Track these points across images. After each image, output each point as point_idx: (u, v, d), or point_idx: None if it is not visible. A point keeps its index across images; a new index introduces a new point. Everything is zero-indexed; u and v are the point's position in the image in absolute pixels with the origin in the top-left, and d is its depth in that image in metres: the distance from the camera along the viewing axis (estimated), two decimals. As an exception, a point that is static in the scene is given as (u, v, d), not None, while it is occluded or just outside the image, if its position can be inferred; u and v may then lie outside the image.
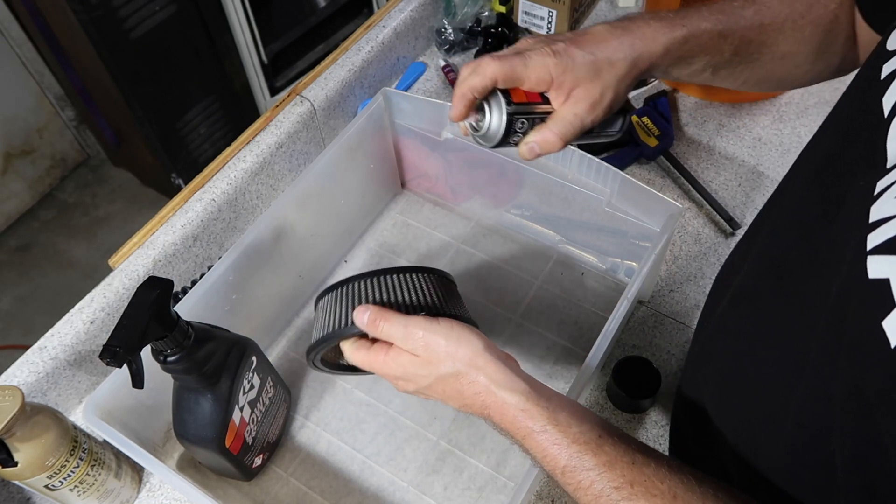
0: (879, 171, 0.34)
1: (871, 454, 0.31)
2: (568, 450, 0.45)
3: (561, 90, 0.51)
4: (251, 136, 0.83)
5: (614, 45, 0.51)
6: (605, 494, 0.43)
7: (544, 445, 0.46)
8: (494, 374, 0.48)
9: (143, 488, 0.72)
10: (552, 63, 0.50)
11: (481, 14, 1.05)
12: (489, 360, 0.49)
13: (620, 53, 0.51)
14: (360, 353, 0.53)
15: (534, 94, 0.52)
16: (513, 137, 0.53)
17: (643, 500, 0.42)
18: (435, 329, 0.50)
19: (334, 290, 0.57)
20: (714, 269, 0.83)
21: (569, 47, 0.51)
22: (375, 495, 0.71)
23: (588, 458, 0.44)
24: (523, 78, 0.51)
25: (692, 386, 0.55)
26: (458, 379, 0.49)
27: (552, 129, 0.52)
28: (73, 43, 1.56)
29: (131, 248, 0.75)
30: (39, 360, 0.69)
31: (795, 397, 0.39)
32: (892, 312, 0.30)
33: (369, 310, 0.52)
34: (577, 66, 0.50)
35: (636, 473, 0.43)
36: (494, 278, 0.86)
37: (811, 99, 0.98)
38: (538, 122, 0.53)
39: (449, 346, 0.49)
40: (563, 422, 0.46)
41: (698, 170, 0.92)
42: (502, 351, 0.51)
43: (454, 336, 0.50)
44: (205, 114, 1.77)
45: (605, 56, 0.51)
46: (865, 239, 0.32)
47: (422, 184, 0.93)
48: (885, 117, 0.36)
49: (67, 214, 2.11)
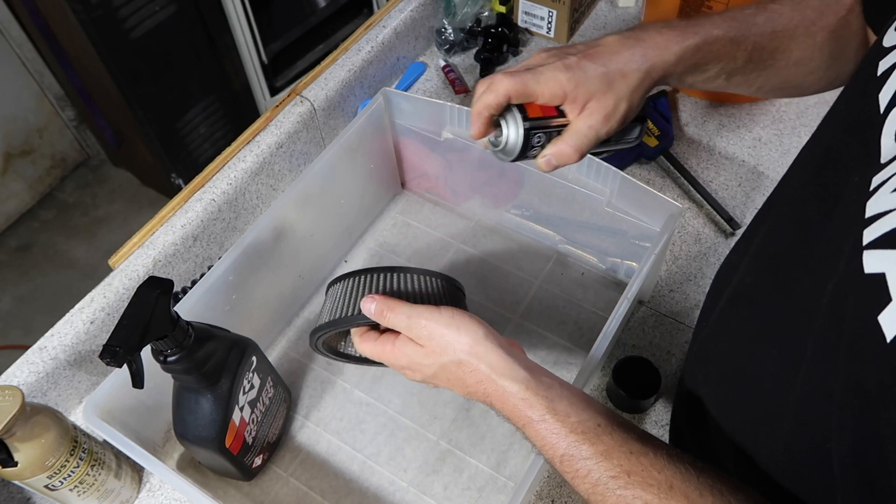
0: (874, 166, 0.34)
1: (868, 449, 0.32)
2: (566, 439, 0.45)
3: (575, 104, 0.52)
4: (251, 136, 0.83)
5: (626, 57, 0.51)
6: (602, 483, 0.43)
7: (543, 434, 0.46)
8: (495, 363, 0.49)
9: (143, 488, 0.72)
10: (564, 78, 0.51)
11: (481, 14, 1.05)
12: (490, 349, 0.50)
13: (633, 64, 0.51)
14: (368, 343, 0.55)
15: (549, 108, 0.53)
16: (531, 151, 0.54)
17: (639, 489, 0.42)
18: (437, 318, 0.51)
19: (347, 279, 0.59)
20: (714, 268, 0.83)
21: (581, 61, 0.51)
22: (375, 495, 0.71)
23: (585, 447, 0.45)
24: (536, 93, 0.52)
25: (692, 384, 0.55)
26: (461, 367, 0.50)
27: (568, 142, 0.53)
28: (73, 43, 1.56)
29: (131, 248, 0.75)
30: (39, 360, 0.69)
31: (794, 394, 0.39)
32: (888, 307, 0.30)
33: (376, 300, 0.53)
34: (589, 80, 0.51)
35: (633, 463, 0.43)
36: (494, 278, 0.86)
37: (811, 99, 0.98)
38: (555, 135, 0.53)
39: (450, 335, 0.50)
40: (561, 411, 0.47)
41: (698, 170, 0.92)
42: (505, 338, 0.52)
43: (455, 325, 0.50)
44: (205, 114, 1.77)
45: (617, 68, 0.51)
46: (862, 234, 0.33)
47: (422, 184, 0.93)
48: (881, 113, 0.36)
49: (67, 214, 2.11)
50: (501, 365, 0.49)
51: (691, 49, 0.52)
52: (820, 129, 0.46)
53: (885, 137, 0.35)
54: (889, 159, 0.34)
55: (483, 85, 0.53)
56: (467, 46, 1.05)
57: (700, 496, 0.41)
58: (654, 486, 0.42)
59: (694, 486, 0.42)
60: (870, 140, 0.36)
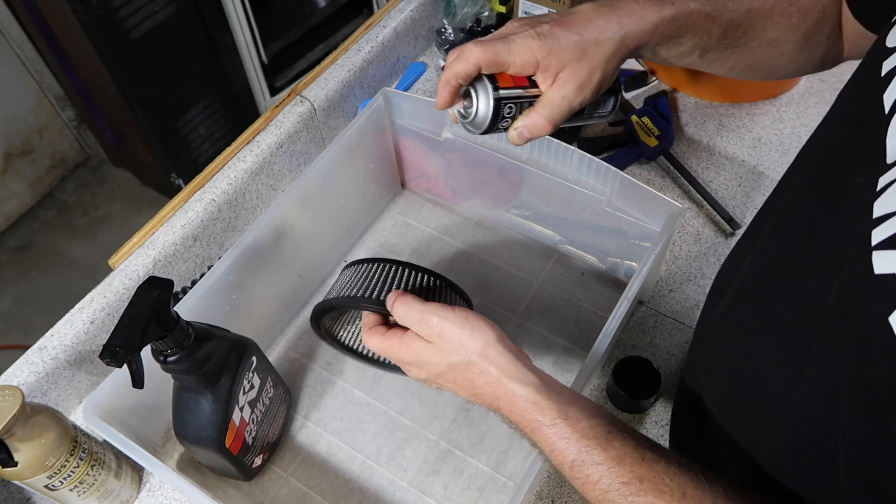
0: (880, 166, 0.34)
1: (875, 450, 0.31)
2: (577, 444, 0.45)
3: (547, 73, 0.51)
4: (251, 136, 0.83)
5: (601, 25, 0.50)
6: (614, 489, 0.43)
7: (553, 439, 0.46)
8: (506, 366, 0.49)
9: (143, 488, 0.72)
10: (536, 46, 0.50)
11: (481, 14, 1.05)
12: (501, 352, 0.49)
13: (608, 32, 0.50)
14: (375, 338, 0.54)
15: (521, 78, 0.51)
16: (501, 123, 0.52)
17: (651, 496, 0.42)
18: (450, 317, 0.50)
19: (363, 264, 0.58)
20: (714, 268, 0.83)
21: (553, 28, 0.50)
22: (375, 495, 0.71)
23: (597, 452, 0.44)
24: (508, 62, 0.50)
25: (693, 384, 0.55)
26: (470, 368, 0.50)
27: (540, 113, 0.51)
28: (73, 43, 1.57)
29: (131, 248, 0.75)
30: (39, 360, 0.69)
31: (797, 393, 0.38)
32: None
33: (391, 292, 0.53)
34: (562, 48, 0.50)
35: (645, 469, 0.43)
36: (494, 278, 0.86)
37: (811, 99, 0.98)
38: (527, 106, 0.52)
39: (463, 335, 0.50)
40: (572, 416, 0.46)
41: (698, 170, 0.92)
42: (514, 345, 0.52)
43: (469, 325, 0.50)
44: (205, 114, 1.77)
45: (591, 36, 0.50)
46: (870, 234, 0.32)
47: (422, 184, 0.93)
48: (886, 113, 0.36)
49: (67, 214, 2.11)
50: (512, 368, 0.48)
51: (667, 19, 0.51)
52: (822, 128, 0.46)
53: (890, 138, 0.35)
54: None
55: (453, 54, 0.51)
56: (467, 46, 1.05)
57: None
58: (666, 493, 0.41)
59: (707, 494, 0.41)
60: (875, 140, 0.36)
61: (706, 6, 0.52)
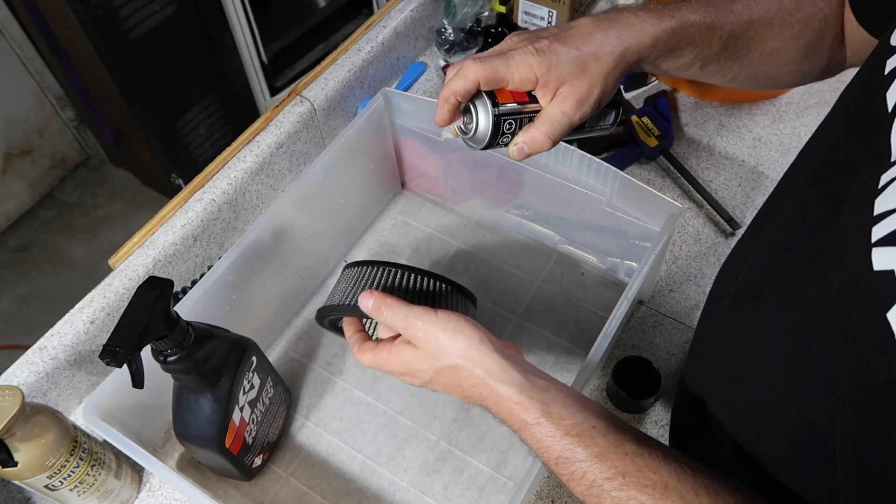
0: (883, 164, 0.34)
1: (872, 447, 0.32)
2: (560, 441, 0.45)
3: (547, 88, 0.51)
4: (251, 136, 0.83)
5: (599, 39, 0.50)
6: (597, 485, 0.43)
7: (538, 437, 0.46)
8: (490, 367, 0.49)
9: (143, 488, 0.72)
10: (535, 62, 0.50)
11: (481, 14, 1.05)
12: (485, 353, 0.49)
13: (607, 47, 0.50)
14: (366, 354, 0.55)
15: (520, 94, 0.52)
16: (502, 138, 0.52)
17: (634, 490, 0.42)
18: (433, 321, 0.51)
19: (359, 266, 0.59)
20: (714, 268, 0.83)
21: (552, 44, 0.50)
22: (375, 495, 0.71)
23: (580, 449, 0.45)
24: (507, 79, 0.50)
25: (693, 382, 0.55)
26: (456, 371, 0.50)
27: (540, 129, 0.51)
28: (73, 43, 1.57)
29: (131, 248, 0.75)
30: (39, 360, 0.69)
31: (798, 390, 0.39)
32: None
33: (374, 296, 0.53)
34: (561, 63, 0.50)
35: (628, 464, 0.43)
36: (494, 278, 0.86)
37: (811, 99, 0.98)
38: (526, 122, 0.52)
39: (446, 339, 0.50)
40: (556, 414, 0.46)
41: (698, 170, 0.92)
42: (502, 341, 0.52)
43: (451, 328, 0.50)
44: (205, 114, 1.77)
45: (590, 51, 0.50)
46: (870, 231, 0.32)
47: (422, 184, 0.93)
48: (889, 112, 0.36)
49: (67, 214, 2.11)
50: (496, 369, 0.49)
51: (667, 32, 0.51)
52: (823, 127, 0.46)
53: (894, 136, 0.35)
54: None
55: (452, 70, 0.52)
56: (467, 46, 1.05)
57: (696, 496, 0.41)
58: (649, 486, 0.42)
59: (689, 486, 0.42)
60: (878, 138, 0.36)
61: (706, 18, 0.52)
